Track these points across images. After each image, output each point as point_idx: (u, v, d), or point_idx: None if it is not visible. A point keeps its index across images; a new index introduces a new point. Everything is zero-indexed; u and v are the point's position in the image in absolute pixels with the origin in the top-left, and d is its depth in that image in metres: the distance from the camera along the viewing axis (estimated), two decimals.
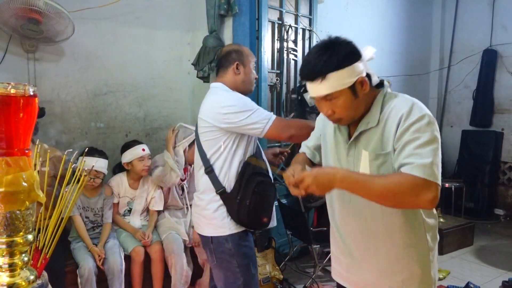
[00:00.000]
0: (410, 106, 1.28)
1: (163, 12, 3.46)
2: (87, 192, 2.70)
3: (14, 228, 0.65)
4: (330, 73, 1.28)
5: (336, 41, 1.35)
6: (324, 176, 1.25)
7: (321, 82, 1.29)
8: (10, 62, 2.77)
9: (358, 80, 1.30)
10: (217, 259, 1.94)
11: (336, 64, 1.28)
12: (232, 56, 2.02)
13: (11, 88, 0.64)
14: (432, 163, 1.19)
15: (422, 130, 1.23)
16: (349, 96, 1.31)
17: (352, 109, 1.33)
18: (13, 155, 0.65)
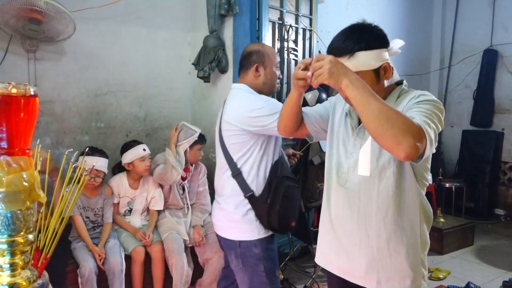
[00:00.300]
0: (422, 93, 1.33)
1: (164, 12, 3.46)
2: (88, 192, 2.70)
3: (14, 228, 0.65)
4: (360, 51, 1.30)
5: (370, 24, 1.37)
6: (341, 65, 1.22)
7: (349, 58, 1.31)
8: (10, 61, 2.78)
9: (383, 65, 1.33)
10: (244, 263, 1.93)
11: (367, 44, 1.31)
12: (252, 57, 2.00)
13: (12, 88, 0.64)
14: (431, 126, 1.19)
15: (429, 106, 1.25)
16: (372, 79, 1.32)
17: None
18: (13, 155, 0.65)
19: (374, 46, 1.32)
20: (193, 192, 3.06)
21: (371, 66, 1.32)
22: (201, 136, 2.94)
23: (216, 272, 2.83)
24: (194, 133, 2.88)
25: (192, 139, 2.86)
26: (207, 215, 3.05)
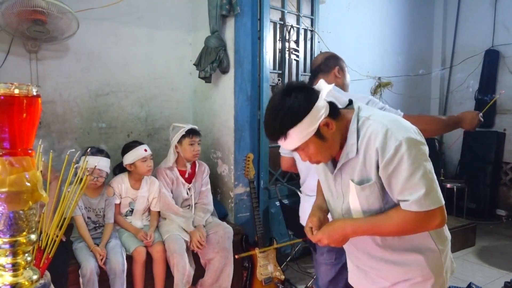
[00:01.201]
0: (384, 135, 1.23)
1: (165, 12, 3.46)
2: (89, 193, 2.70)
3: (17, 228, 0.65)
4: (289, 130, 1.27)
5: (288, 92, 1.29)
6: (336, 233, 1.34)
7: (285, 140, 1.30)
8: (12, 62, 2.78)
9: (321, 123, 1.27)
10: (336, 258, 2.05)
11: (292, 120, 1.26)
12: (331, 62, 2.19)
13: (14, 89, 0.64)
14: (426, 192, 1.19)
15: (402, 161, 1.20)
16: (318, 142, 1.30)
17: (326, 151, 1.33)
18: (16, 155, 0.65)
19: (301, 117, 1.25)
20: (196, 192, 3.06)
21: (309, 134, 1.27)
22: (192, 130, 2.94)
23: (218, 272, 2.84)
24: (182, 128, 2.91)
25: (179, 134, 2.89)
26: (209, 215, 3.05)
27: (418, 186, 1.20)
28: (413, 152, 1.21)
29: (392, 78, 4.98)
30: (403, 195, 1.22)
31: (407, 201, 1.21)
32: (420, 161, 1.21)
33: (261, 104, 3.38)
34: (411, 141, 1.22)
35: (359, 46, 4.65)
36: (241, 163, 3.25)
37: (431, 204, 1.20)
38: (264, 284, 2.96)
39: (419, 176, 1.20)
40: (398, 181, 1.22)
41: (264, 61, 3.35)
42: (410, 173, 1.20)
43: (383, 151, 1.22)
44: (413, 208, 1.20)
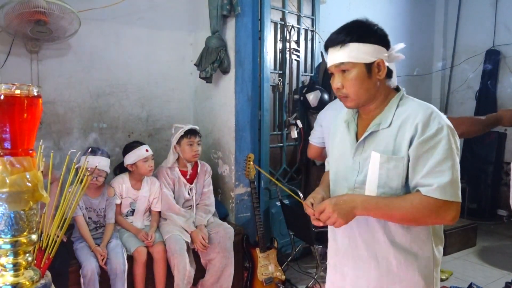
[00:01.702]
0: (429, 115, 1.24)
1: (166, 12, 3.46)
2: (90, 193, 2.70)
3: (18, 228, 0.65)
4: (352, 42, 1.27)
5: (370, 21, 1.34)
6: (344, 204, 1.24)
7: (341, 48, 1.28)
8: (13, 62, 2.78)
9: (377, 61, 1.29)
10: None
11: (360, 36, 1.28)
12: None
13: (15, 89, 0.64)
14: (452, 181, 1.19)
15: (440, 145, 1.20)
16: (363, 73, 1.29)
17: (362, 88, 1.30)
18: (17, 155, 0.65)
19: (368, 40, 1.28)
20: (198, 193, 3.07)
21: (362, 59, 1.28)
22: (191, 130, 2.94)
23: (219, 272, 2.84)
24: (181, 129, 2.92)
25: (178, 135, 2.90)
26: (210, 215, 3.05)
27: (446, 173, 1.19)
28: (451, 140, 1.21)
29: None
30: (429, 178, 1.20)
31: (431, 186, 1.19)
32: (454, 152, 1.22)
33: (261, 104, 3.38)
34: (452, 130, 1.24)
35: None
36: (241, 163, 3.26)
37: (453, 196, 1.19)
38: (264, 284, 2.96)
39: (450, 165, 1.19)
40: (428, 162, 1.21)
41: (265, 61, 3.35)
42: (444, 158, 1.19)
43: (425, 127, 1.22)
44: (435, 194, 1.18)
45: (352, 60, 1.28)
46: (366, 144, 1.34)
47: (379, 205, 1.24)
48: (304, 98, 3.63)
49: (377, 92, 1.34)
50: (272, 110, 3.56)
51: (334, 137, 1.54)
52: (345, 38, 1.28)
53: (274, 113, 3.60)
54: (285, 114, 3.66)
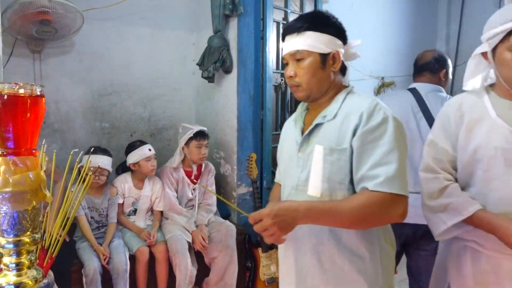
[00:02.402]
0: (374, 106, 1.20)
1: (168, 12, 3.47)
2: (92, 192, 2.71)
3: (21, 228, 0.65)
4: (309, 31, 1.26)
5: (331, 14, 1.34)
6: (285, 213, 1.11)
7: (297, 35, 1.27)
8: (16, 62, 2.79)
9: (333, 52, 1.27)
10: None
11: (319, 25, 1.27)
12: (441, 63, 2.32)
13: (18, 88, 0.64)
14: (399, 173, 1.12)
15: (385, 135, 1.15)
16: (317, 62, 1.27)
17: (314, 78, 1.27)
18: (20, 155, 0.65)
19: (325, 30, 1.27)
20: (201, 193, 3.07)
21: (318, 48, 1.25)
22: (200, 133, 2.93)
23: (222, 270, 2.84)
24: (190, 130, 2.90)
25: (187, 136, 2.88)
26: (212, 215, 3.05)
27: (393, 165, 1.12)
28: (397, 132, 1.17)
29: (395, 78, 4.97)
30: (375, 169, 1.13)
31: (378, 178, 1.12)
32: (402, 144, 1.17)
33: (264, 104, 3.38)
34: (398, 122, 1.21)
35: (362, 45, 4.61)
36: (244, 163, 3.25)
37: (401, 189, 1.12)
38: (267, 284, 2.96)
39: (397, 156, 1.14)
40: (374, 153, 1.14)
41: (267, 61, 3.34)
42: (390, 149, 1.14)
43: (369, 117, 1.18)
44: (383, 188, 1.11)
45: (308, 48, 1.26)
46: (311, 139, 1.29)
47: (325, 211, 1.13)
48: None
49: (329, 86, 1.31)
50: (275, 109, 3.56)
51: (282, 143, 1.49)
52: (302, 25, 1.27)
53: (276, 112, 3.60)
54: (287, 114, 3.65)
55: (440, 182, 1.42)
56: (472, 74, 1.47)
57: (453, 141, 1.43)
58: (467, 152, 1.38)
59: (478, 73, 1.46)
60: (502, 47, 1.33)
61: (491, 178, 1.33)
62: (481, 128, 1.35)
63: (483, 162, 1.33)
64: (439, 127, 1.49)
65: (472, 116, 1.39)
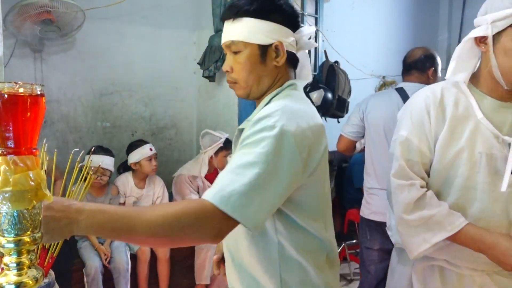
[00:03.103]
0: (271, 112, 0.93)
1: (169, 11, 3.47)
2: (94, 192, 2.71)
3: (21, 227, 0.65)
4: (247, 17, 1.03)
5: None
6: (56, 215, 0.74)
7: (233, 22, 1.05)
8: (17, 61, 2.79)
9: (275, 44, 1.04)
10: None
11: (260, 10, 1.03)
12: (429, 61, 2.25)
13: (18, 88, 0.64)
14: (243, 192, 0.83)
15: (259, 145, 0.88)
16: (255, 56, 1.04)
17: (252, 74, 1.05)
18: (20, 154, 0.65)
19: (268, 17, 1.03)
20: None
21: (257, 39, 1.03)
22: (228, 141, 2.87)
23: None
24: (219, 139, 2.86)
25: (217, 146, 2.84)
26: None
27: (243, 179, 0.84)
28: (279, 148, 0.88)
29: (396, 77, 4.95)
30: (219, 178, 0.88)
31: (215, 187, 0.85)
32: (276, 164, 0.87)
33: None
34: (290, 137, 0.89)
35: (363, 45, 4.64)
36: None
37: (234, 210, 0.82)
38: None
39: (256, 174, 0.85)
40: (234, 160, 0.89)
41: None
42: (254, 162, 0.86)
43: (256, 122, 0.93)
44: (213, 198, 0.82)
45: (244, 39, 1.04)
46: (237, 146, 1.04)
47: (114, 218, 0.78)
48: (308, 97, 3.61)
49: (273, 82, 1.09)
50: None
51: None
52: (239, 10, 1.04)
53: None
54: None
55: (417, 191, 1.22)
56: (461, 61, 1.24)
57: (431, 141, 1.23)
58: (446, 155, 1.21)
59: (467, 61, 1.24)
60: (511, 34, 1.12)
61: (472, 187, 1.19)
62: (465, 129, 1.19)
63: (464, 168, 1.18)
64: (414, 123, 1.26)
65: (456, 113, 1.20)
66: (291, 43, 1.07)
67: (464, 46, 1.23)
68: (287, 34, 1.06)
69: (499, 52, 1.15)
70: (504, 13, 1.11)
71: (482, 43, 1.19)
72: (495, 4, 1.16)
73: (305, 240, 1.01)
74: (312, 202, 1.01)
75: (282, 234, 1.00)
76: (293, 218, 0.99)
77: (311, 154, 0.94)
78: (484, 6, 1.22)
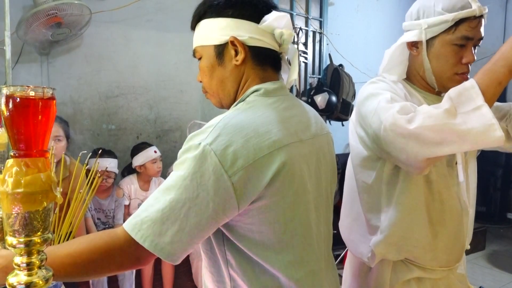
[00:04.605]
0: (209, 125, 0.84)
1: (174, 14, 3.49)
2: (99, 194, 2.73)
3: (32, 228, 0.66)
4: (204, 19, 0.96)
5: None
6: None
7: (195, 30, 1.00)
8: (23, 64, 2.82)
9: (230, 40, 0.90)
10: None
11: (215, 8, 0.93)
12: None
13: (30, 91, 0.65)
14: (154, 218, 0.77)
15: (181, 167, 0.80)
16: (212, 58, 0.94)
17: (213, 80, 0.96)
18: (31, 156, 0.66)
19: (223, 13, 0.91)
20: None
21: (211, 39, 0.93)
22: None
23: None
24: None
25: None
26: None
27: (156, 206, 0.78)
28: (203, 172, 0.77)
29: None
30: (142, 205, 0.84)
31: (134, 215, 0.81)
32: (197, 190, 0.77)
33: None
34: (213, 158, 0.77)
35: (367, 48, 4.65)
36: None
37: (142, 236, 0.77)
38: None
39: (170, 199, 0.78)
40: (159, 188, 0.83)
41: None
42: (170, 185, 0.80)
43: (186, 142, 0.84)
44: (125, 223, 0.80)
45: (200, 43, 0.97)
46: None
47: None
48: (312, 100, 3.63)
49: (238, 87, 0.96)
50: None
51: None
52: (197, 15, 0.99)
53: None
54: None
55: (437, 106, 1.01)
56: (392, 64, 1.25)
57: None
58: None
59: (398, 65, 1.26)
60: (444, 39, 1.16)
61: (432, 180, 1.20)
62: None
63: None
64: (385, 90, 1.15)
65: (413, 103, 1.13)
66: (254, 36, 0.90)
67: (396, 50, 1.25)
68: (246, 27, 0.90)
69: (433, 57, 1.18)
70: (438, 19, 1.14)
71: (414, 47, 1.22)
72: (428, 10, 1.17)
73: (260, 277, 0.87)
74: (268, 232, 0.84)
75: (232, 267, 0.88)
76: (242, 249, 0.85)
77: (250, 177, 0.79)
78: (416, 11, 1.21)
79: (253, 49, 0.92)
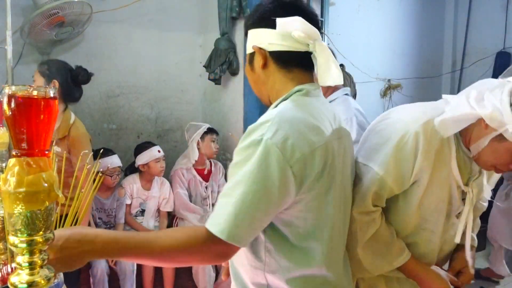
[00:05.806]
0: (259, 124, 0.91)
1: (175, 14, 3.49)
2: (101, 193, 2.73)
3: (34, 227, 0.67)
4: (250, 29, 1.06)
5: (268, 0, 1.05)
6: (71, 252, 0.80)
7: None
8: (24, 65, 2.82)
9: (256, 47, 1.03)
10: None
11: (252, 20, 1.05)
12: None
13: (32, 90, 0.65)
14: (228, 212, 0.85)
15: (247, 163, 0.86)
16: (247, 65, 1.08)
17: (251, 82, 1.11)
18: (33, 156, 0.66)
19: (256, 24, 1.03)
20: (214, 191, 3.09)
21: (247, 49, 1.07)
22: (211, 129, 3.04)
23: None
24: (202, 126, 2.99)
25: (201, 130, 2.95)
26: None
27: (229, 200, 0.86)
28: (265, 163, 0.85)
29: (401, 80, 4.95)
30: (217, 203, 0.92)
31: (212, 214, 0.90)
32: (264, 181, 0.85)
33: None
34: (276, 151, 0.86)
35: (368, 48, 4.64)
36: None
37: (222, 231, 0.84)
38: None
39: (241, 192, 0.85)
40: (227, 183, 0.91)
41: None
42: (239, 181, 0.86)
43: (242, 139, 0.91)
44: (207, 223, 0.87)
45: (248, 50, 1.08)
46: None
47: (131, 246, 0.85)
48: None
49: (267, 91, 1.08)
50: None
51: None
52: (245, 25, 1.09)
53: None
54: None
55: (376, 223, 1.17)
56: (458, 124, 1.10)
57: (406, 183, 1.15)
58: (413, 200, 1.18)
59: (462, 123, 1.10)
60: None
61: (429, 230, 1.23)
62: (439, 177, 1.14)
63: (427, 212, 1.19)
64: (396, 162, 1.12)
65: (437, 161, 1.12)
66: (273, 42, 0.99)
67: (468, 116, 1.07)
68: (264, 35, 1.01)
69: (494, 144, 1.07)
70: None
71: (489, 128, 1.05)
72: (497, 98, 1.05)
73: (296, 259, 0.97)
74: (312, 218, 0.95)
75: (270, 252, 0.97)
76: (286, 235, 0.95)
77: (305, 167, 0.88)
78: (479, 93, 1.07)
79: (274, 53, 1.01)
